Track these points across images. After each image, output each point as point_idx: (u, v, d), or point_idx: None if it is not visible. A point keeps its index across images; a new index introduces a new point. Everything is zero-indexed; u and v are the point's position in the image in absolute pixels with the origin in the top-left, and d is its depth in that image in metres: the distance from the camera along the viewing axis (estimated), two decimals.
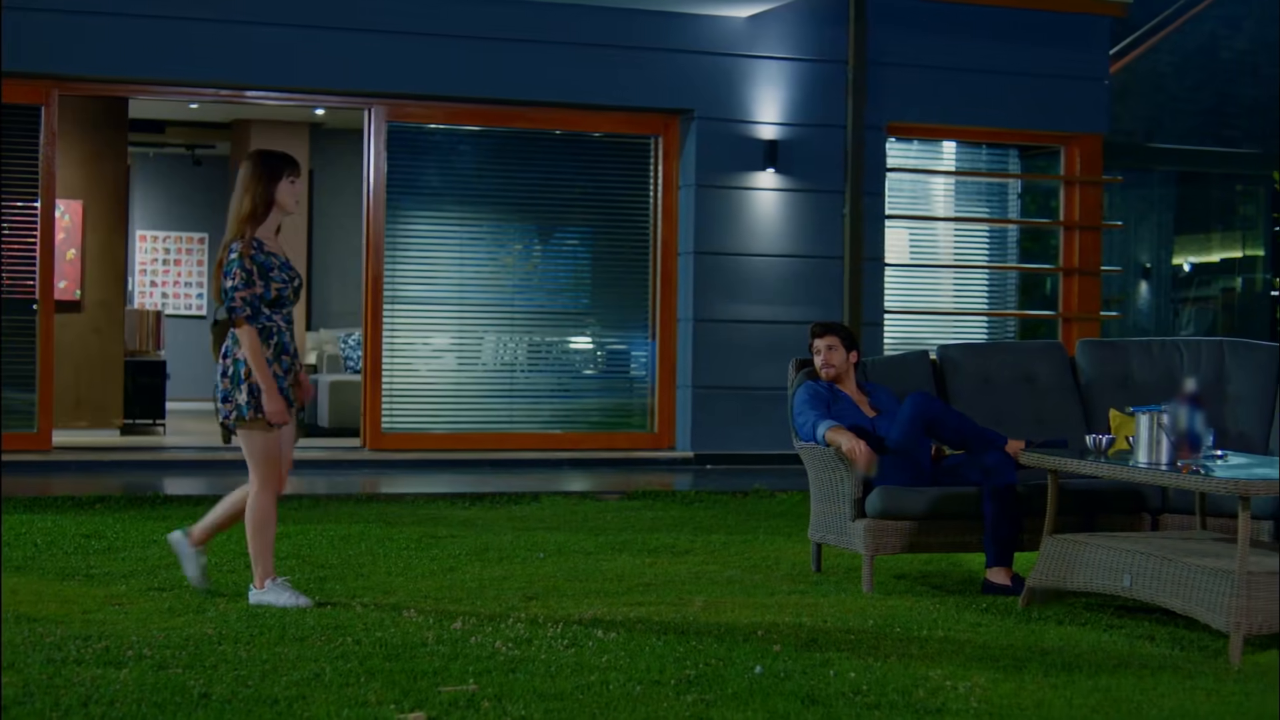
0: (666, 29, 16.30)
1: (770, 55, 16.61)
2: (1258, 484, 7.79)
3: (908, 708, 6.58)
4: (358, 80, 15.83)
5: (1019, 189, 18.36)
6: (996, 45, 17.31)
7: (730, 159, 16.47)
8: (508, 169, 16.68)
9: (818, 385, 10.01)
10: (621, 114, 16.62)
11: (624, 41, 16.23)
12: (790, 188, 16.56)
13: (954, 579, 10.00)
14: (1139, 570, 8.30)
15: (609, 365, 17.05)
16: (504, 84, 16.08)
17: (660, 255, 16.65)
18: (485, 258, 16.64)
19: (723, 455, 16.23)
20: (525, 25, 16.00)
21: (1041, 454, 9.06)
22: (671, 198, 16.63)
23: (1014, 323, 18.16)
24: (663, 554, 10.80)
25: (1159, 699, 6.86)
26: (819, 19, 16.68)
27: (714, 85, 16.45)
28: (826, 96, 16.67)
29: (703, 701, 6.59)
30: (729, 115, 16.48)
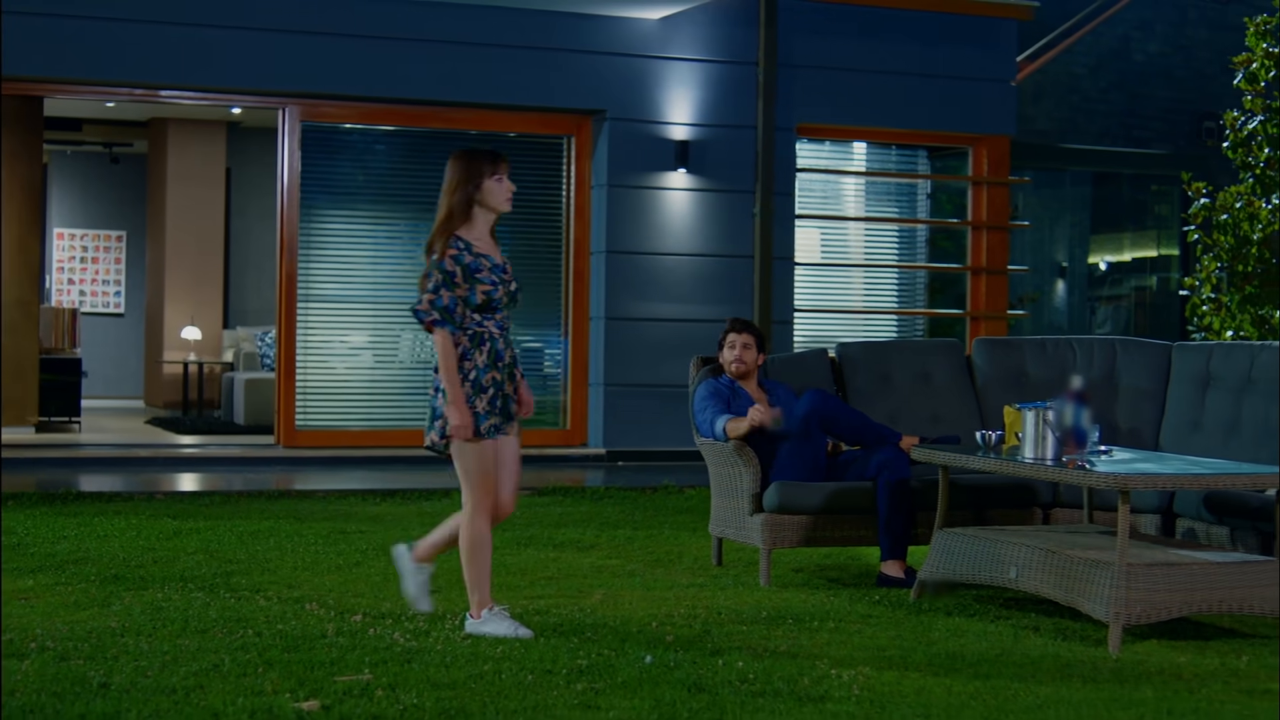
0: (579, 30, 16.47)
1: (682, 57, 16.80)
2: (1136, 478, 8.02)
3: (791, 695, 6.77)
4: (272, 80, 15.94)
5: (928, 189, 18.60)
6: (905, 47, 17.55)
7: (642, 159, 16.66)
8: (423, 168, 16.81)
9: (718, 382, 10.21)
10: (535, 114, 16.78)
11: (537, 43, 16.39)
12: (701, 188, 16.75)
13: (851, 572, 10.20)
14: (1025, 563, 8.53)
15: (522, 363, 17.12)
16: (418, 84, 16.22)
17: (573, 254, 16.82)
18: (402, 256, 16.77)
19: (634, 452, 16.41)
20: (439, 26, 16.14)
21: (932, 450, 9.28)
22: (584, 197, 16.81)
23: (923, 321, 18.39)
24: (567, 548, 10.98)
25: (1036, 687, 7.07)
26: (730, 21, 16.88)
27: (626, 86, 16.64)
28: (737, 98, 16.87)
29: (592, 690, 6.76)
30: (641, 116, 16.67)
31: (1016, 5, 18.12)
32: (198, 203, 22.42)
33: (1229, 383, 10.42)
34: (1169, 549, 8.62)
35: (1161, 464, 8.69)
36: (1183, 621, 8.71)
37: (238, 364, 20.79)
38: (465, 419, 7.86)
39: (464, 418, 7.85)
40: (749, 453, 9.78)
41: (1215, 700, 6.91)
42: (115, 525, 11.42)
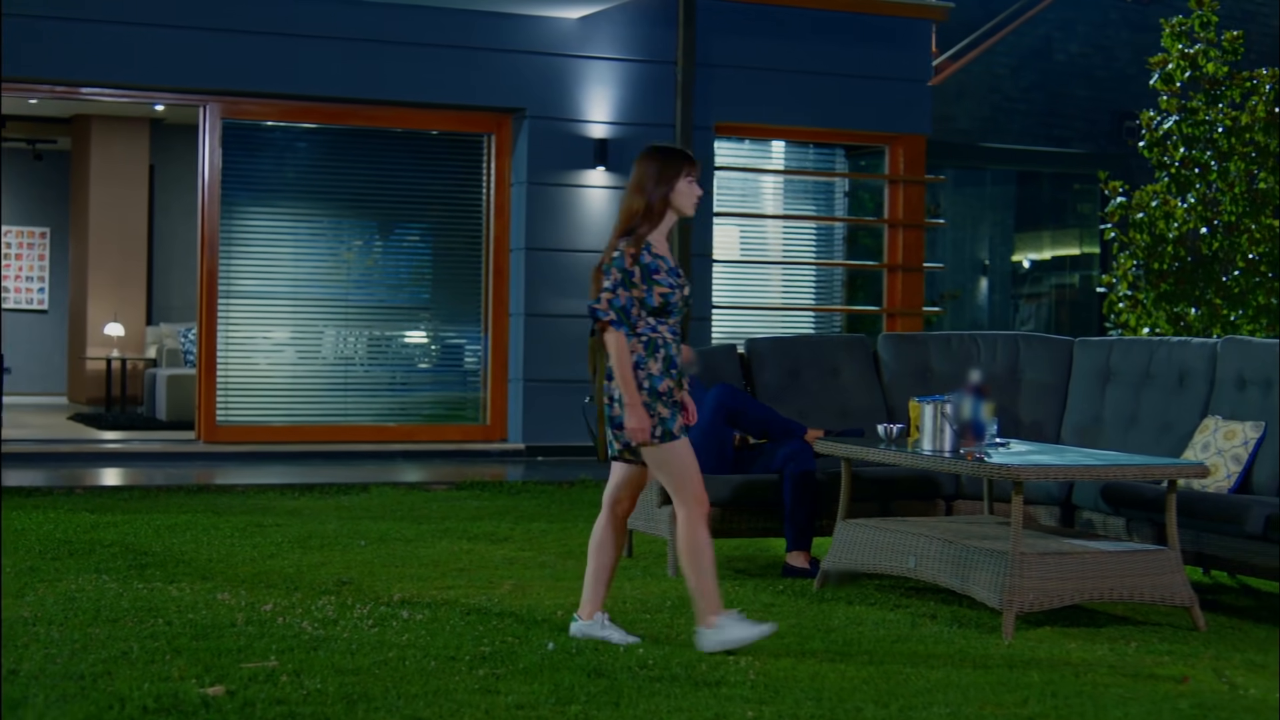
0: (500, 29, 16.61)
1: (601, 56, 16.96)
2: (1028, 469, 8.23)
3: (688, 680, 6.95)
4: (193, 77, 16.02)
5: (846, 187, 18.80)
6: (822, 48, 17.75)
7: (561, 157, 16.81)
8: (345, 166, 16.93)
9: None
10: (455, 112, 16.91)
11: (458, 41, 16.52)
12: (620, 185, 16.92)
13: (758, 564, 10.39)
14: (923, 552, 8.73)
15: (443, 359, 17.35)
16: (339, 82, 16.33)
17: (493, 251, 16.95)
18: (325, 253, 16.87)
19: (553, 447, 16.56)
20: (360, 24, 16.25)
21: (835, 443, 9.47)
22: (504, 195, 16.94)
23: (840, 318, 18.60)
24: (481, 541, 11.12)
25: (928, 671, 7.27)
26: (648, 21, 17.05)
27: (545, 85, 16.78)
28: (656, 96, 17.04)
29: (493, 675, 6.93)
30: (560, 114, 16.82)
31: (932, 6, 18.35)
32: (121, 199, 22.45)
33: (1128, 377, 10.66)
34: (1063, 539, 8.84)
35: (1056, 456, 8.90)
36: (1077, 609, 8.93)
37: (161, 360, 20.83)
38: (643, 421, 7.57)
39: (641, 420, 7.57)
40: None
41: (1099, 684, 7.12)
42: (33, 519, 11.50)
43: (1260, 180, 18.72)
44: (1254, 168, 18.75)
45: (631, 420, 7.56)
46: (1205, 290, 18.69)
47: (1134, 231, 18.58)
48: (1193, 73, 18.85)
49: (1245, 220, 18.66)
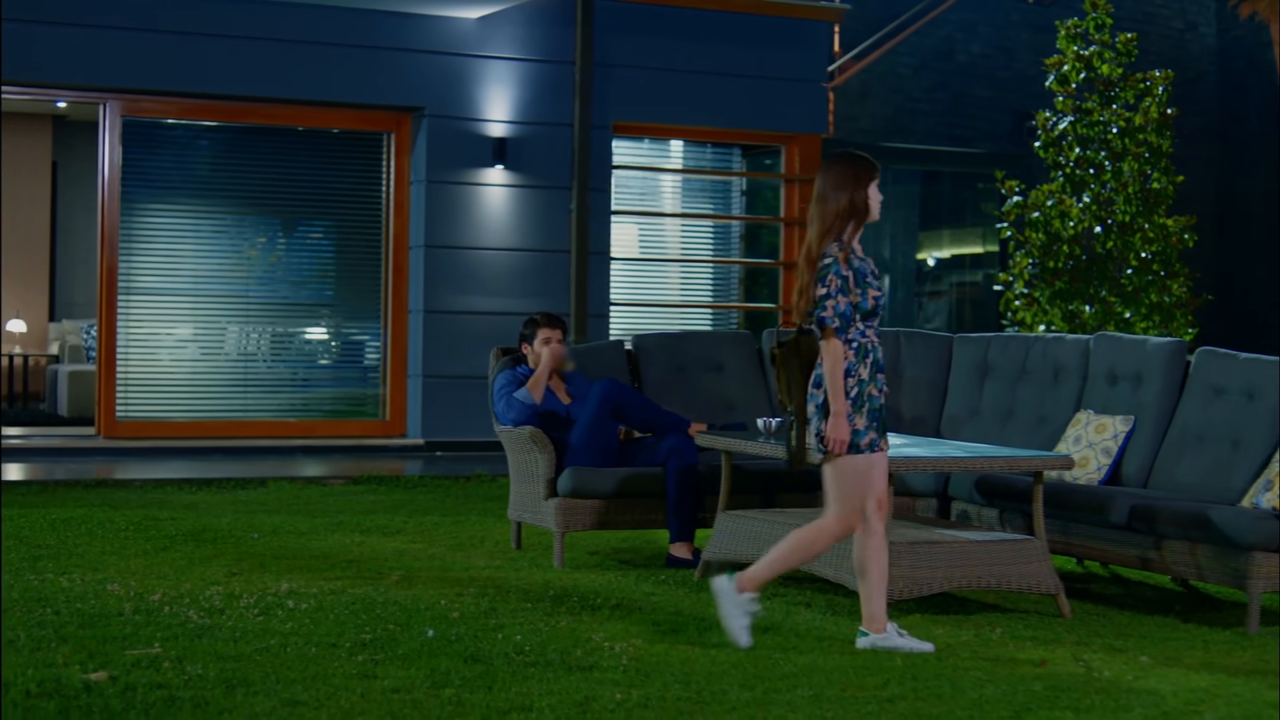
0: (399, 29, 16.76)
1: (500, 55, 17.14)
2: (900, 461, 8.48)
3: (562, 665, 7.15)
4: (94, 75, 16.10)
5: (743, 186, 19.04)
6: (720, 48, 17.97)
7: (460, 156, 16.97)
8: (247, 163, 17.05)
9: (517, 371, 10.61)
10: (355, 111, 17.05)
11: (358, 40, 16.65)
12: (519, 184, 17.10)
13: (643, 555, 10.61)
14: None
15: (344, 355, 17.50)
16: (240, 80, 16.43)
17: (392, 249, 17.10)
18: (228, 250, 16.98)
19: (452, 442, 16.73)
20: (260, 23, 16.36)
21: (715, 436, 9.70)
22: (403, 193, 17.10)
23: (737, 314, 18.84)
24: (374, 533, 11.29)
25: (796, 657, 7.50)
26: (547, 21, 17.23)
27: (445, 84, 16.94)
28: (554, 96, 17.23)
29: (372, 661, 7.12)
30: (459, 113, 16.99)
31: (827, 8, 18.61)
32: (24, 196, 22.45)
33: (1006, 373, 10.95)
34: (934, 529, 9.10)
35: (929, 449, 9.15)
36: (949, 597, 9.19)
37: (63, 356, 20.88)
38: (845, 434, 7.57)
39: (844, 433, 7.57)
40: (544, 439, 10.16)
41: (961, 667, 7.37)
42: None
43: (1154, 180, 19.09)
44: (1147, 168, 19.13)
45: (836, 431, 7.60)
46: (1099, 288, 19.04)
47: (1030, 230, 18.93)
48: (1088, 74, 19.20)
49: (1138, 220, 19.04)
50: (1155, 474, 9.86)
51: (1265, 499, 8.89)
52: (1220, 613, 9.14)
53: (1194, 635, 8.42)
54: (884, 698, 6.76)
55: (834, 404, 7.58)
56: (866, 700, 6.72)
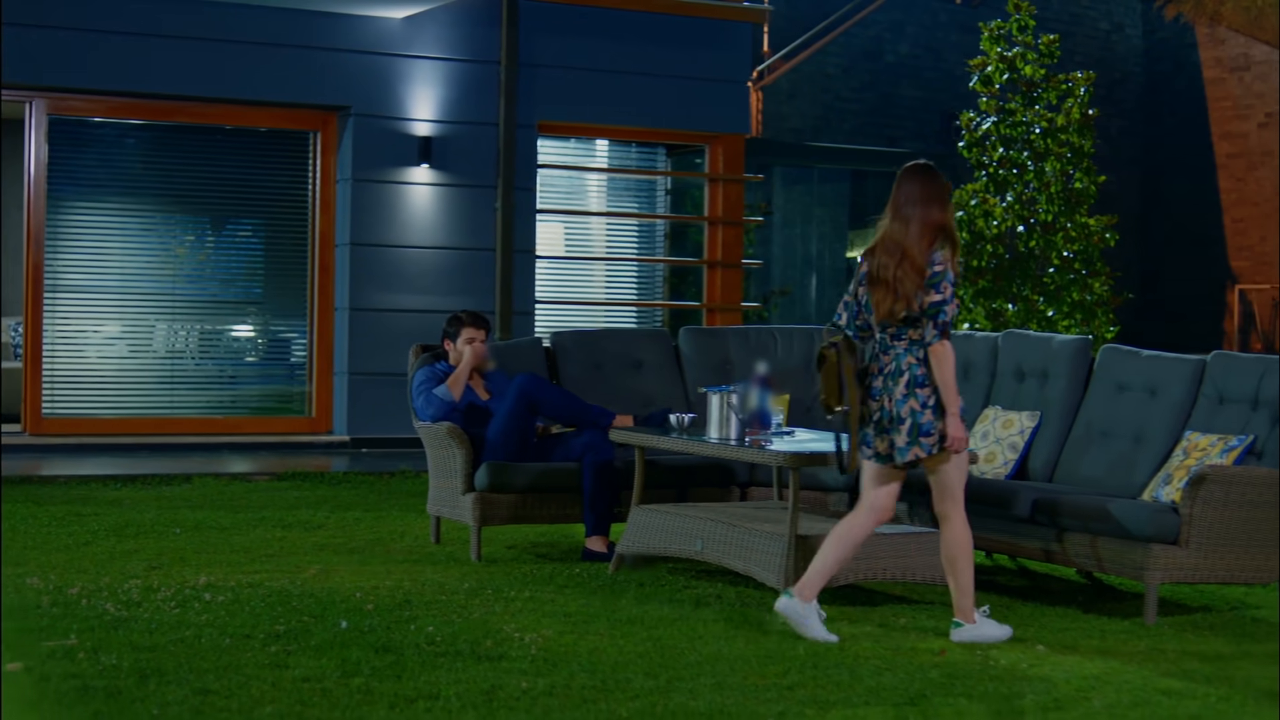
0: (325, 28, 16.85)
1: (425, 55, 17.25)
2: (802, 456, 8.67)
3: (471, 655, 7.32)
4: (19, 73, 16.12)
5: (668, 185, 19.21)
6: (644, 49, 18.13)
7: (386, 154, 17.07)
8: (175, 162, 17.10)
9: (435, 368, 10.77)
10: (282, 110, 17.13)
11: (284, 40, 16.73)
12: (444, 183, 17.22)
13: (560, 549, 10.76)
14: (709, 536, 9.15)
15: (271, 353, 17.58)
16: (167, 79, 16.48)
17: (318, 247, 17.19)
18: (156, 248, 17.02)
19: (378, 439, 16.83)
20: (187, 22, 16.42)
21: (629, 431, 9.86)
22: (329, 191, 17.19)
23: (662, 313, 19.01)
24: (295, 529, 11.42)
25: (702, 647, 7.68)
26: (472, 21, 17.36)
27: (370, 83, 17.04)
28: (480, 95, 17.35)
29: (284, 652, 7.26)
30: (385, 112, 17.09)
31: (750, 9, 18.79)
32: None
33: None
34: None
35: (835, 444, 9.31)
36: (857, 589, 9.38)
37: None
38: (964, 431, 8.04)
39: (964, 430, 8.03)
40: (461, 435, 10.31)
41: (861, 656, 7.57)
42: None
43: (1076, 180, 19.36)
44: (1069, 168, 19.40)
45: (958, 430, 7.96)
46: (1022, 287, 19.30)
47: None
48: (1011, 75, 19.45)
49: (1061, 219, 19.30)
50: (1060, 468, 10.07)
51: (1164, 492, 9.12)
52: (1121, 604, 9.35)
53: (1093, 625, 8.63)
54: (784, 685, 6.95)
55: (952, 404, 7.95)
56: (767, 688, 6.90)
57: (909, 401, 7.97)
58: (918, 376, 7.97)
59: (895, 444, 8.03)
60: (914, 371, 7.97)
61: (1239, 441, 9.10)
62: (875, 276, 8.01)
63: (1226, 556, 8.82)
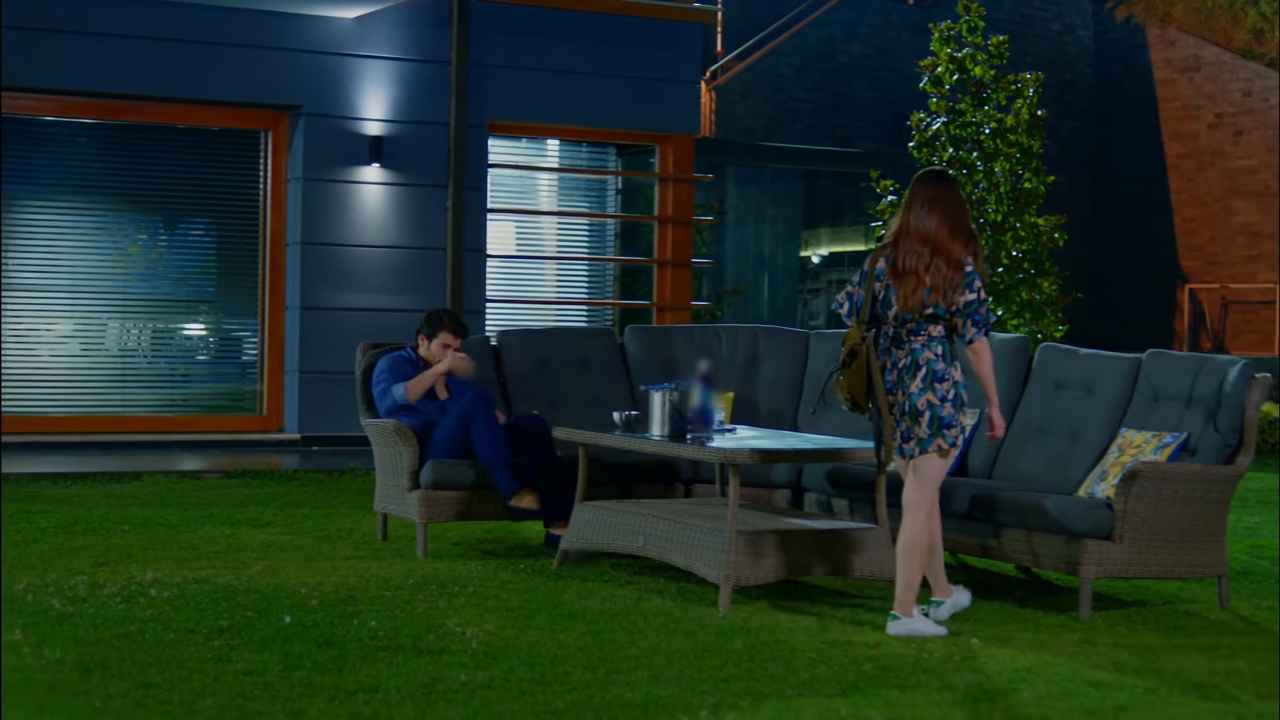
0: (276, 28, 16.91)
1: (376, 55, 17.32)
2: (741, 453, 8.80)
3: (413, 649, 7.42)
4: None
5: (618, 185, 19.31)
6: (594, 49, 18.23)
7: (337, 154, 17.14)
8: (126, 161, 17.14)
9: (400, 356, 10.77)
10: (233, 109, 17.18)
11: (236, 39, 16.78)
12: (395, 182, 17.29)
13: (506, 545, 10.86)
14: (651, 532, 9.26)
15: (222, 351, 17.64)
16: (119, 79, 16.52)
17: (269, 246, 17.25)
18: (109, 247, 17.05)
19: (329, 437, 16.90)
20: (139, 21, 16.47)
21: (571, 429, 9.97)
22: (281, 190, 17.25)
23: (612, 311, 19.11)
24: (244, 526, 11.49)
25: (641, 640, 7.80)
26: (423, 21, 17.44)
27: (322, 83, 17.11)
28: (430, 95, 17.43)
29: (228, 646, 7.35)
30: (336, 112, 17.16)
31: (700, 10, 18.90)
32: None
33: None
34: (781, 518, 9.41)
35: (775, 441, 9.46)
36: (797, 584, 9.50)
37: None
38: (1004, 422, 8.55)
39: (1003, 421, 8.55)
40: (407, 433, 10.40)
41: (798, 649, 7.69)
42: None
43: (1025, 180, 19.49)
44: (1018, 168, 19.52)
45: (1000, 419, 8.46)
46: None
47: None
48: (961, 76, 19.58)
49: (1010, 219, 19.43)
50: (999, 465, 10.21)
51: (1100, 489, 9.25)
52: (1057, 598, 9.49)
53: (1028, 619, 8.77)
54: (720, 678, 7.07)
55: (995, 397, 8.45)
56: (703, 680, 7.01)
57: (926, 394, 8.22)
58: (936, 371, 8.22)
59: (917, 436, 8.26)
60: (933, 366, 8.22)
61: (1173, 439, 9.25)
62: (903, 268, 8.19)
63: (1160, 551, 8.98)
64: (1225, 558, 9.22)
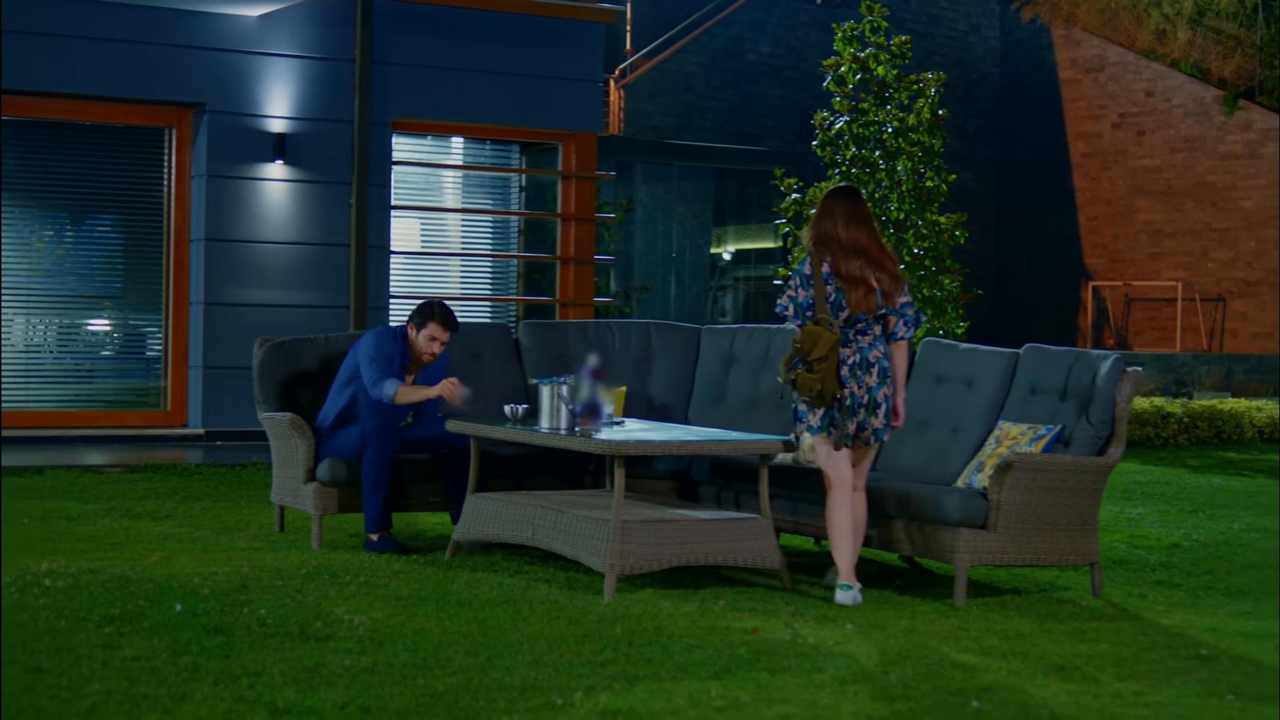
0: (181, 26, 17.01)
1: (281, 53, 17.45)
2: (627, 445, 9.02)
3: (300, 635, 7.60)
4: None
5: (522, 183, 19.50)
6: (498, 48, 18.41)
7: (241, 151, 17.25)
8: (32, 158, 17.20)
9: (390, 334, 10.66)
10: (138, 106, 17.27)
11: (140, 37, 16.88)
12: (299, 179, 17.43)
13: (402, 536, 11.00)
14: (539, 522, 9.47)
15: (127, 347, 17.73)
16: (22, 74, 16.56)
17: (173, 242, 17.36)
18: (14, 243, 17.10)
19: (233, 432, 17.02)
20: (45, 18, 16.54)
21: (463, 421, 10.16)
22: (185, 187, 17.36)
23: (515, 308, 19.29)
24: (143, 518, 11.62)
25: (524, 627, 8.00)
26: (327, 19, 17.58)
27: (226, 80, 17.22)
28: (334, 93, 17.58)
29: (118, 633, 7.51)
30: (240, 109, 17.27)
31: (602, 9, 19.10)
32: None
33: (749, 362, 11.51)
34: (667, 508, 9.63)
35: (662, 433, 9.68)
36: (684, 572, 9.72)
37: None
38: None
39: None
40: (303, 425, 10.56)
41: (676, 634, 7.91)
42: None
43: (927, 179, 19.76)
44: (920, 167, 19.79)
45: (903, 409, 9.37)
46: None
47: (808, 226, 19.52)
48: (864, 75, 19.84)
49: (912, 217, 19.69)
50: (882, 457, 10.44)
51: (977, 480, 9.52)
52: (935, 587, 9.75)
53: (905, 606, 9.02)
54: (598, 662, 7.28)
55: (903, 389, 9.33)
56: (581, 664, 7.23)
57: (883, 388, 9.17)
58: (885, 368, 9.18)
59: (873, 426, 9.18)
60: (882, 364, 9.17)
61: (1047, 430, 9.52)
62: (850, 276, 9.07)
63: (1034, 540, 9.25)
64: (1098, 546, 9.50)
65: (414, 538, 10.97)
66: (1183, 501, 14.18)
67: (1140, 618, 8.91)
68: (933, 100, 19.86)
